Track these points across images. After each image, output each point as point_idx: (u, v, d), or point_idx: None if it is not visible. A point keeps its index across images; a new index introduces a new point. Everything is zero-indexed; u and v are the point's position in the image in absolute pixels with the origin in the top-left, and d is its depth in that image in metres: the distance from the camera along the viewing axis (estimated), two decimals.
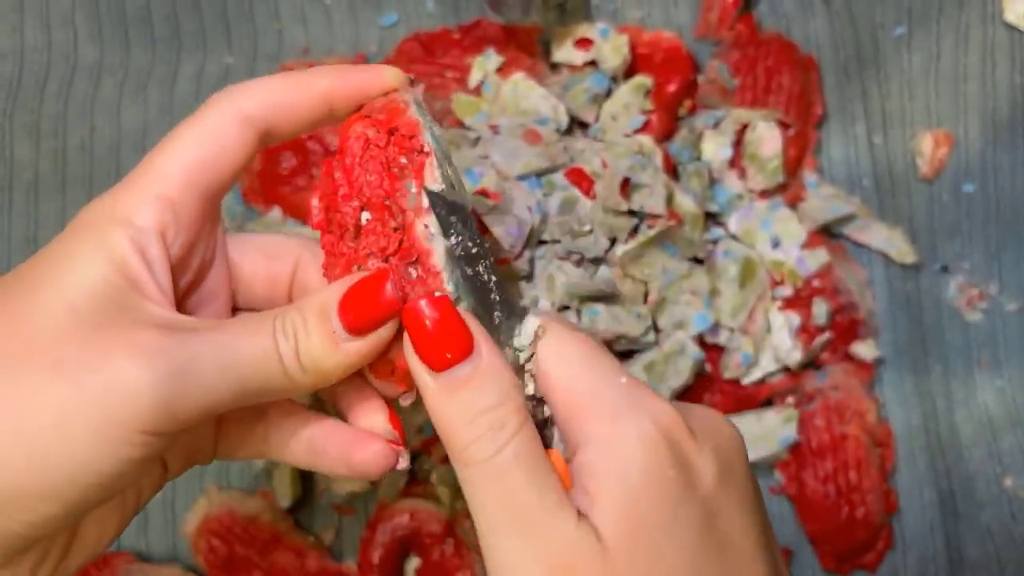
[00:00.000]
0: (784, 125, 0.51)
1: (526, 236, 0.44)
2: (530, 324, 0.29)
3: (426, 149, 0.28)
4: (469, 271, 0.28)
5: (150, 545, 0.50)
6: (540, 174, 0.47)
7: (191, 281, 0.30)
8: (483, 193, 0.47)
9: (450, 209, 0.28)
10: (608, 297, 0.47)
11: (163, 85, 0.54)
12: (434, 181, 0.28)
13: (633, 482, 0.26)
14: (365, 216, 0.28)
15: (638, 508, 0.26)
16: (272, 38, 0.54)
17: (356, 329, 0.27)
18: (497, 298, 0.29)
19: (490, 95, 0.51)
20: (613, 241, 0.47)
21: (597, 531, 0.25)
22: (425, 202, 0.28)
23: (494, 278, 0.29)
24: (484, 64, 0.51)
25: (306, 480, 0.50)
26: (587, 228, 0.47)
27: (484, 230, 0.30)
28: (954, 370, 0.51)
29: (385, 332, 0.27)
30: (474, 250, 0.28)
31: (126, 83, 0.54)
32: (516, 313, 0.29)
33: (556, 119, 0.49)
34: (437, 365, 0.26)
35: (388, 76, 0.29)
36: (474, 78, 0.51)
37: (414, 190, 0.28)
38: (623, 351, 0.47)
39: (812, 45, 0.53)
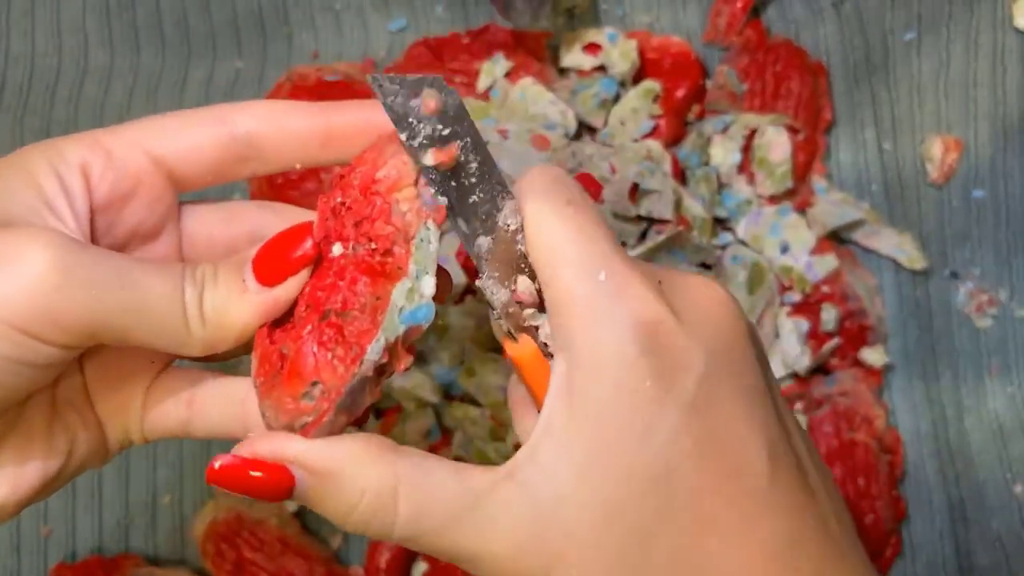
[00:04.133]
0: (793, 130, 0.51)
1: None
2: (509, 205, 0.27)
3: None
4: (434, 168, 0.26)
5: (158, 548, 0.50)
6: None
7: (124, 240, 0.29)
8: None
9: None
10: None
11: (173, 90, 0.54)
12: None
13: (609, 403, 0.25)
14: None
15: (614, 426, 0.25)
16: (282, 43, 0.54)
17: (267, 277, 0.26)
18: (474, 180, 0.27)
19: (499, 100, 0.51)
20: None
21: (564, 466, 0.25)
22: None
23: (477, 158, 0.27)
24: (493, 69, 0.51)
25: None
26: None
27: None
28: (964, 377, 0.50)
29: (294, 283, 0.26)
30: (445, 132, 0.26)
31: (136, 88, 0.54)
32: (501, 191, 0.27)
33: (565, 124, 0.49)
34: (279, 492, 0.26)
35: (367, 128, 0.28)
36: (483, 83, 0.51)
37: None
38: None
39: (821, 50, 0.53)
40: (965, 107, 0.52)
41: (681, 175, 0.50)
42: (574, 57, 0.52)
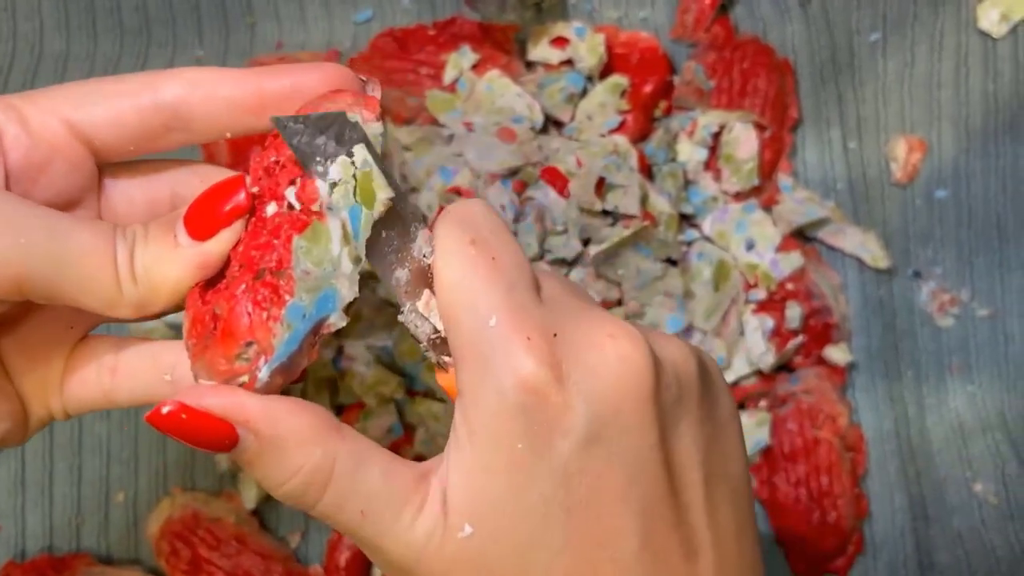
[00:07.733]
0: (760, 127, 0.51)
1: None
2: (423, 235, 0.26)
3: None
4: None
5: (111, 547, 0.48)
6: (514, 172, 0.47)
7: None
8: (456, 192, 0.47)
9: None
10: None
11: None
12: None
13: (485, 457, 0.25)
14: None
15: (487, 484, 0.25)
16: (244, 32, 0.53)
17: (199, 231, 0.25)
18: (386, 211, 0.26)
19: (465, 92, 0.50)
20: (587, 242, 0.47)
21: (447, 509, 0.25)
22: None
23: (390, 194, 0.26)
24: (459, 61, 0.51)
25: None
26: (561, 228, 0.46)
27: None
28: (926, 375, 0.51)
29: (227, 236, 0.26)
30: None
31: (92, 74, 0.52)
32: (414, 220, 0.26)
33: (531, 117, 0.49)
34: (219, 448, 0.25)
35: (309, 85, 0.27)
36: (449, 75, 0.51)
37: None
38: None
39: (788, 49, 0.53)
40: (929, 108, 0.52)
41: (647, 171, 0.50)
42: (541, 51, 0.51)
